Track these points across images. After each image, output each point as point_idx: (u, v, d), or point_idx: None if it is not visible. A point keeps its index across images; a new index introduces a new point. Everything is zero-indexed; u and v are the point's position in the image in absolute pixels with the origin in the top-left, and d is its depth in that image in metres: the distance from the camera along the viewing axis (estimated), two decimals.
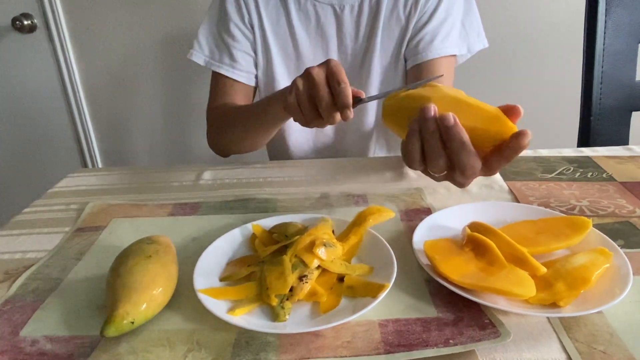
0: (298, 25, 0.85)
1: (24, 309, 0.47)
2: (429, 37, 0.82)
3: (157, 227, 0.61)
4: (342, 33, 0.86)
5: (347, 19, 0.85)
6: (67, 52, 1.45)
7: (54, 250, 0.57)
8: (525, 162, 0.76)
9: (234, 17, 0.85)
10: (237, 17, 0.85)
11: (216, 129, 0.87)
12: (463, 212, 0.57)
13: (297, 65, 0.88)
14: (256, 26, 0.86)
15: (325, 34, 0.86)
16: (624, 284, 0.43)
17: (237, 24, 0.85)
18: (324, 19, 0.85)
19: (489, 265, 0.46)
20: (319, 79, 0.56)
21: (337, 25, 0.85)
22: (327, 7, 0.84)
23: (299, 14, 0.85)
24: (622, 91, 0.97)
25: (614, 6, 0.94)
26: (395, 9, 0.83)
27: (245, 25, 0.86)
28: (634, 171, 0.71)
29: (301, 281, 0.45)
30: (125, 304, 0.41)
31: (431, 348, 0.39)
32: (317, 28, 0.86)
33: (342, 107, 0.55)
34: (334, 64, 0.56)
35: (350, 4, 0.84)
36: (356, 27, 0.85)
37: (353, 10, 0.84)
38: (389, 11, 0.83)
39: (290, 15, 0.85)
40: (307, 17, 0.85)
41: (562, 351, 0.39)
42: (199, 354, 0.40)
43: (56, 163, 1.62)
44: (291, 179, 0.74)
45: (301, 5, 0.85)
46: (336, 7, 0.84)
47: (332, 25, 0.85)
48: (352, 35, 0.86)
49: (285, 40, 0.87)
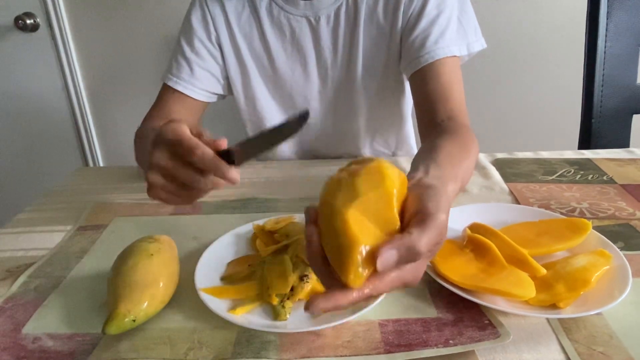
0: (273, 39, 0.79)
1: (25, 307, 0.47)
2: (420, 40, 0.73)
3: (159, 226, 0.61)
4: (319, 46, 0.79)
5: (324, 31, 0.78)
6: (69, 51, 1.45)
7: (55, 248, 0.57)
8: (526, 164, 0.76)
9: (199, 32, 0.79)
10: (203, 34, 0.79)
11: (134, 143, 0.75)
12: (464, 213, 0.57)
13: (275, 81, 0.83)
14: (226, 43, 0.80)
15: (302, 48, 0.80)
16: (624, 286, 0.43)
17: (202, 41, 0.79)
18: (299, 31, 0.79)
19: (489, 266, 0.46)
20: (168, 164, 0.44)
21: (314, 37, 0.79)
22: (302, 20, 0.78)
23: (273, 27, 0.79)
24: (623, 94, 0.97)
25: (615, 9, 0.94)
26: (375, 14, 0.76)
27: (212, 43, 0.80)
28: (635, 174, 0.71)
29: (302, 281, 0.45)
30: (126, 302, 0.41)
31: (431, 348, 0.39)
32: (292, 42, 0.80)
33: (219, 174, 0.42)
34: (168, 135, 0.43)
35: (325, 15, 0.77)
36: (334, 38, 0.78)
37: (329, 21, 0.77)
38: (368, 17, 0.76)
39: (263, 28, 0.79)
40: (282, 30, 0.79)
41: (562, 352, 0.39)
42: (199, 352, 0.40)
43: (58, 162, 1.62)
44: (292, 179, 0.75)
45: (274, 18, 0.78)
46: (311, 18, 0.77)
47: (308, 38, 0.79)
48: (330, 47, 0.79)
49: (260, 55, 0.81)
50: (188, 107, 0.80)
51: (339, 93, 0.83)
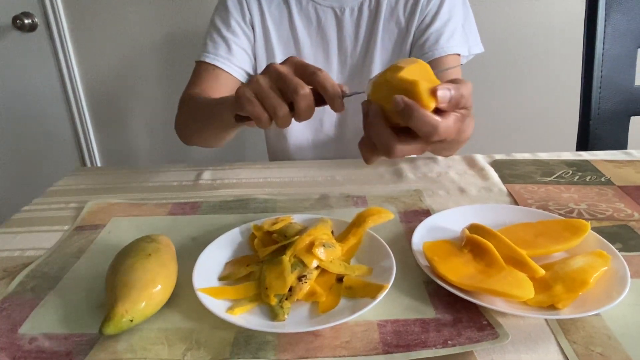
0: (300, 26, 0.87)
1: (22, 307, 0.47)
2: (434, 37, 0.83)
3: (157, 226, 0.61)
4: (342, 35, 0.87)
5: (347, 22, 0.86)
6: (67, 51, 1.45)
7: (53, 248, 0.57)
8: (524, 165, 0.76)
9: (234, 14, 0.86)
10: (239, 15, 0.86)
11: (183, 116, 0.83)
12: (462, 214, 0.57)
13: None
14: (258, 25, 0.87)
15: (326, 36, 0.88)
16: (622, 287, 0.43)
17: (238, 21, 0.86)
18: (325, 21, 0.87)
19: (487, 267, 0.46)
20: (286, 70, 0.49)
21: (338, 27, 0.87)
22: (328, 10, 0.86)
23: (301, 15, 0.87)
24: (621, 96, 0.98)
25: (613, 11, 0.95)
26: (395, 11, 0.85)
27: (246, 24, 0.87)
28: (633, 175, 0.71)
29: (300, 281, 0.45)
30: (124, 302, 0.41)
31: (429, 349, 0.39)
32: (318, 30, 0.87)
33: (333, 97, 0.47)
34: (298, 59, 0.50)
35: (350, 7, 0.85)
36: (356, 29, 0.87)
37: (353, 13, 0.86)
38: (389, 14, 0.85)
39: (292, 16, 0.87)
40: (309, 19, 0.87)
41: (560, 353, 0.39)
42: (197, 352, 0.40)
43: (56, 162, 1.61)
44: (291, 179, 0.75)
45: (302, 7, 0.87)
46: (336, 9, 0.86)
47: (332, 28, 0.87)
48: (351, 37, 0.87)
49: (287, 41, 0.88)
50: (225, 83, 0.85)
51: (354, 79, 0.90)
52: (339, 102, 0.47)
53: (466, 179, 0.72)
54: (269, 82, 0.49)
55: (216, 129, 0.72)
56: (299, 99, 0.47)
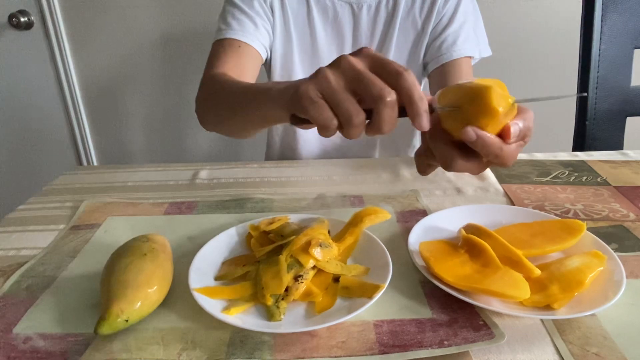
0: (317, 18, 0.86)
1: (17, 306, 0.46)
2: (451, 39, 0.84)
3: (153, 225, 0.61)
4: (358, 32, 0.87)
5: (364, 18, 0.85)
6: (63, 49, 1.44)
7: (48, 247, 0.57)
8: (521, 165, 0.76)
9: None
10: None
11: (206, 99, 0.75)
12: (458, 214, 0.57)
13: (312, 61, 0.88)
14: (278, 12, 0.85)
15: (342, 32, 0.87)
16: (618, 287, 0.43)
17: (260, 3, 0.84)
18: (342, 16, 0.85)
19: (483, 267, 0.46)
20: (364, 68, 0.39)
21: (354, 23, 0.86)
22: (345, 5, 0.85)
23: (318, 8, 0.86)
24: (617, 96, 0.98)
25: (609, 12, 0.95)
26: (412, 11, 0.85)
27: (267, 7, 0.85)
28: (628, 176, 0.71)
29: (296, 281, 0.45)
30: (119, 302, 0.41)
31: (425, 349, 0.39)
32: (334, 25, 0.86)
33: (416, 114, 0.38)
34: (374, 52, 0.41)
35: (367, 4, 0.85)
36: (372, 27, 0.86)
37: (370, 10, 0.85)
38: (406, 14, 0.85)
39: (310, 7, 0.86)
40: (326, 12, 0.86)
41: (556, 353, 0.39)
42: (193, 352, 0.40)
43: (51, 160, 1.61)
44: (288, 179, 0.74)
45: (320, 1, 0.86)
46: (354, 5, 0.85)
47: (348, 24, 0.86)
48: (367, 35, 0.87)
49: (304, 32, 0.87)
50: (251, 59, 0.82)
51: None
52: (425, 118, 0.38)
53: (463, 179, 0.72)
54: (344, 82, 0.39)
55: (250, 122, 0.61)
56: (382, 108, 0.37)
